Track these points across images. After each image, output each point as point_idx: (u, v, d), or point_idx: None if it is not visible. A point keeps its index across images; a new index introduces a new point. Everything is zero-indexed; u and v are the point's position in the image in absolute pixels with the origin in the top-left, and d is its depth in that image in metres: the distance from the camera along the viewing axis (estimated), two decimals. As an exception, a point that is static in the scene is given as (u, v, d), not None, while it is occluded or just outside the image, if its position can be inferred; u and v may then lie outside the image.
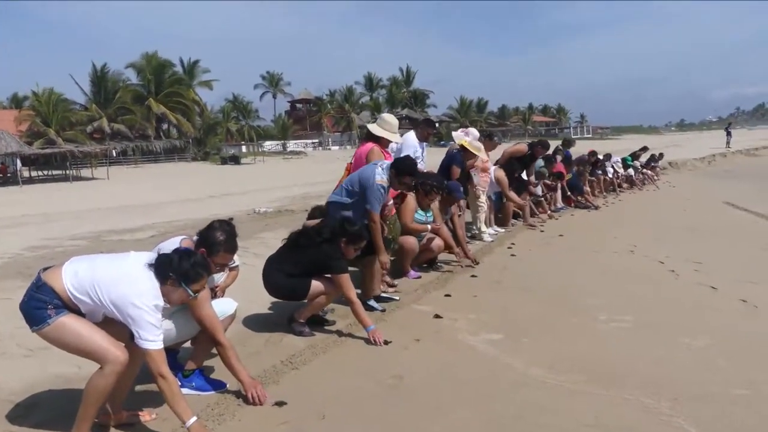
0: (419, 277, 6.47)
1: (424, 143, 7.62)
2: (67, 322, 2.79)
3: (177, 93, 48.49)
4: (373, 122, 6.03)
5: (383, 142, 6.07)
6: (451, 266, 6.98)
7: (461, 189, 7.25)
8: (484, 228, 8.78)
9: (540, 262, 7.39)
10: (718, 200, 14.35)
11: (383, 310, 5.24)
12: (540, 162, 11.45)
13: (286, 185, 20.81)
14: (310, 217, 5.49)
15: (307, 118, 66.88)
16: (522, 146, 10.69)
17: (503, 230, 9.59)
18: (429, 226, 6.41)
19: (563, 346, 4.36)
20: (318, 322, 4.85)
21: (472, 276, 6.57)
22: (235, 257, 4.22)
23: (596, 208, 12.94)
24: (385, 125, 5.87)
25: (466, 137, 8.01)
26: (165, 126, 50.80)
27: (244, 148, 54.36)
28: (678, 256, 7.61)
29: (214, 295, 4.06)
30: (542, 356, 4.12)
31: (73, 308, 2.84)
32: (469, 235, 8.55)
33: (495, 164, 9.79)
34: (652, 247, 8.19)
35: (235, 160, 43.92)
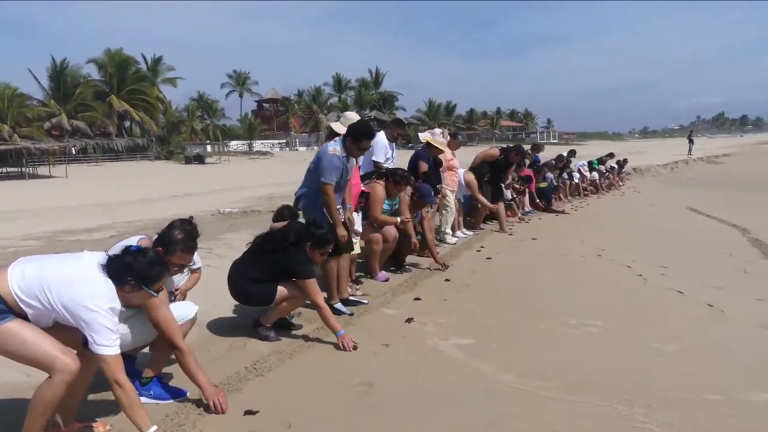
0: (387, 280, 6.35)
1: (394, 144, 7.55)
2: (12, 327, 2.59)
3: (140, 90, 47.40)
4: (337, 121, 5.88)
5: None
6: (420, 269, 6.89)
7: (432, 193, 7.16)
8: (449, 230, 8.71)
9: (509, 266, 7.34)
10: (682, 206, 14.57)
11: (351, 314, 5.11)
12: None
13: (251, 185, 20.49)
14: (277, 218, 5.32)
15: (275, 118, 66.17)
16: (494, 150, 10.64)
17: (472, 233, 9.54)
18: (398, 219, 6.32)
19: (533, 352, 4.30)
20: (284, 326, 4.70)
21: (442, 279, 6.48)
22: (197, 259, 4.05)
23: (563, 212, 13.00)
24: (349, 123, 5.72)
25: (430, 135, 7.96)
26: (127, 124, 49.69)
27: (209, 148, 53.53)
28: (644, 260, 7.65)
29: (173, 299, 3.88)
30: (512, 362, 4.05)
31: (19, 313, 2.64)
32: (437, 237, 8.48)
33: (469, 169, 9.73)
34: (618, 252, 8.23)
35: (200, 159, 43.20)
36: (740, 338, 4.63)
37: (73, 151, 43.01)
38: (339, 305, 5.15)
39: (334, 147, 5.06)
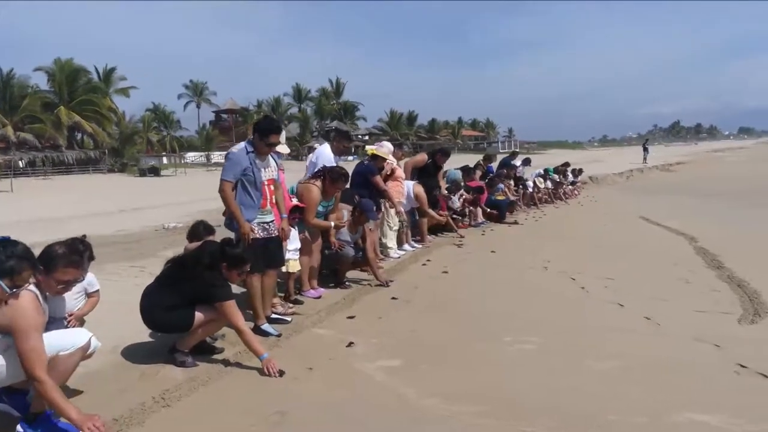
0: (319, 297, 6.11)
1: (339, 157, 7.28)
2: None
3: (91, 101, 45.95)
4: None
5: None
6: (360, 285, 6.66)
7: (374, 208, 6.95)
8: (392, 244, 8.51)
9: (453, 281, 7.16)
10: (634, 215, 14.66)
11: (279, 335, 4.85)
12: (457, 173, 11.37)
13: (205, 198, 19.88)
14: (191, 235, 5.04)
15: (233, 129, 65.22)
16: (422, 155, 10.39)
17: (420, 246, 9.36)
18: (332, 224, 6.09)
19: (464, 373, 4.10)
20: (205, 350, 4.41)
21: (381, 296, 6.26)
22: (94, 281, 3.77)
23: (516, 223, 12.93)
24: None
25: (377, 147, 7.79)
26: (78, 136, 48.18)
27: (165, 160, 52.33)
28: (591, 271, 7.57)
29: (66, 324, 3.58)
30: (440, 384, 3.85)
31: None
32: (381, 252, 8.28)
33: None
34: (566, 263, 8.15)
35: (155, 171, 42.16)
36: (675, 352, 4.52)
37: (21, 165, 41.50)
38: (266, 326, 4.89)
39: (238, 148, 4.82)
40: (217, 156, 57.00)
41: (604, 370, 4.11)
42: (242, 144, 4.83)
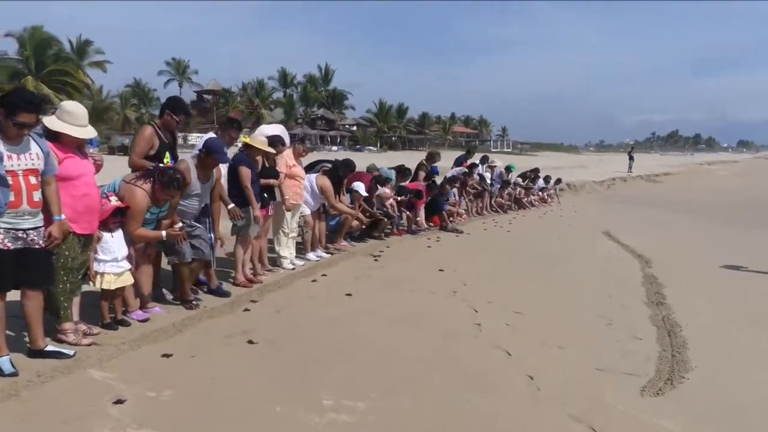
0: (146, 320, 4.96)
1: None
2: None
3: (63, 72, 43.93)
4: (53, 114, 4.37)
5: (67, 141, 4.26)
6: (213, 304, 5.53)
7: (225, 150, 5.59)
8: (286, 252, 7.35)
9: (331, 305, 5.99)
10: (599, 229, 13.58)
11: (15, 373, 3.71)
12: (390, 173, 10.24)
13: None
14: None
15: (214, 111, 63.58)
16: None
17: (328, 256, 8.20)
18: (163, 233, 4.94)
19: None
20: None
21: (226, 323, 5.11)
22: None
23: (461, 232, 11.79)
24: (67, 116, 4.27)
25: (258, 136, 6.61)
26: (48, 108, 46.38)
27: (140, 138, 50.62)
28: (504, 301, 6.45)
29: None
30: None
31: None
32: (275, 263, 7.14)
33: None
34: (482, 287, 7.02)
35: (125, 150, 40.74)
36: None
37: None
38: (3, 360, 3.74)
39: None
40: (195, 138, 55.46)
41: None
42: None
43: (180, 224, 5.12)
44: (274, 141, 6.67)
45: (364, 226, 9.61)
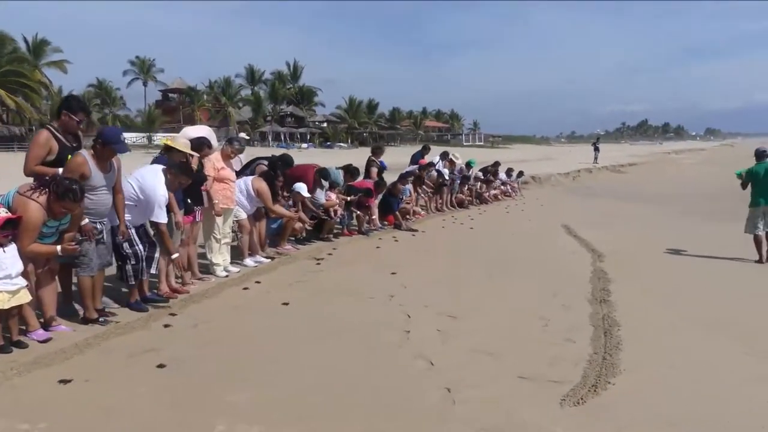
0: (47, 340, 4.64)
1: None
2: None
3: (17, 72, 42.46)
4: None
5: None
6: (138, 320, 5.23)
7: (121, 138, 5.29)
8: (218, 259, 7.05)
9: (255, 317, 5.70)
10: (558, 222, 13.50)
11: None
12: (338, 174, 9.95)
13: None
14: None
15: (180, 110, 62.45)
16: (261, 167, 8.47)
17: (267, 261, 7.91)
18: (58, 248, 4.61)
19: None
20: None
21: (133, 341, 4.80)
22: None
23: (416, 230, 11.57)
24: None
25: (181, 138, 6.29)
26: (1, 110, 45.11)
27: (104, 139, 49.37)
28: (440, 304, 6.24)
29: None
30: None
31: None
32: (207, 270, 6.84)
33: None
34: (421, 291, 6.81)
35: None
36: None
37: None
38: None
39: None
40: (161, 138, 54.45)
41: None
42: None
43: (79, 237, 4.80)
44: (200, 143, 6.37)
45: (309, 228, 9.35)
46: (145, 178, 5.57)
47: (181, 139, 6.28)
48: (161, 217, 5.57)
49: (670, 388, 4.20)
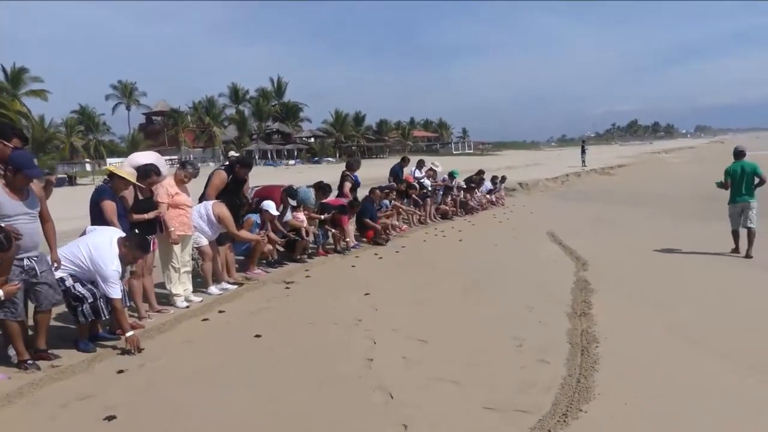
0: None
1: None
2: None
3: (-6, 103, 42.37)
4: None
5: None
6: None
7: (34, 164, 4.97)
8: (178, 290, 6.69)
9: (205, 354, 5.28)
10: (544, 230, 13.19)
11: None
12: (309, 192, 9.61)
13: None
14: None
15: (165, 132, 61.99)
16: (220, 175, 7.93)
17: (233, 287, 7.56)
18: (1, 293, 4.26)
19: None
20: None
21: (71, 386, 4.45)
22: None
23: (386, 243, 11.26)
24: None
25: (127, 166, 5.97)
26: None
27: (88, 166, 48.96)
28: (410, 326, 5.91)
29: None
30: None
31: None
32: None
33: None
34: (392, 313, 6.47)
35: (69, 180, 39.35)
36: None
37: None
38: None
39: None
40: (109, 164, 53.92)
41: None
42: None
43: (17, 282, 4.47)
44: (147, 171, 6.03)
45: (281, 249, 9.01)
46: (99, 250, 5.11)
47: (127, 167, 5.95)
48: (113, 293, 5.08)
49: (647, 414, 3.87)
